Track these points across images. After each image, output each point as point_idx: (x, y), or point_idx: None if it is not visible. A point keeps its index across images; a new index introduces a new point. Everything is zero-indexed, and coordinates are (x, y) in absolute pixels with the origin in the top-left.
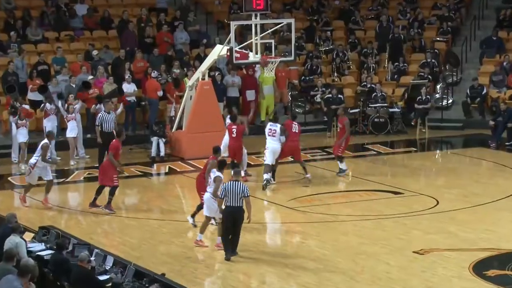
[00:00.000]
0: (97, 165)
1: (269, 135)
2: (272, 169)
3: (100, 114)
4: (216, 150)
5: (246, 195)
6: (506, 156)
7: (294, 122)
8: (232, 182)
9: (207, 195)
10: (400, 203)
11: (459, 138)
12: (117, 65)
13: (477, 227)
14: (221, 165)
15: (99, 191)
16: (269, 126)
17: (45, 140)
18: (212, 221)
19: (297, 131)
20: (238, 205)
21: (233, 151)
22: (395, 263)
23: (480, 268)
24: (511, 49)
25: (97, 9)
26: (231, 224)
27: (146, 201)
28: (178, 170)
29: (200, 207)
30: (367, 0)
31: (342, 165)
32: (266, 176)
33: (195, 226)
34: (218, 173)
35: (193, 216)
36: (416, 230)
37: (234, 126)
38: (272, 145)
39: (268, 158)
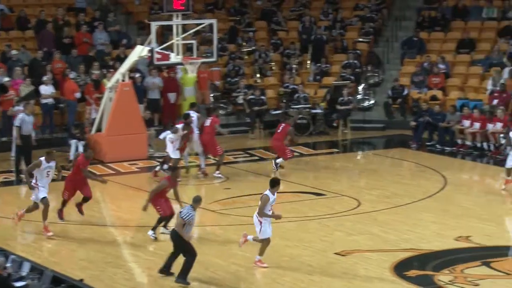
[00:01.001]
0: (13, 169)
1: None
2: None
3: (20, 115)
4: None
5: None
6: (426, 157)
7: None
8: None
9: (254, 219)
10: (322, 204)
11: (381, 139)
12: (34, 66)
13: (398, 228)
14: (273, 184)
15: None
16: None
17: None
18: (163, 229)
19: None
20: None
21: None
22: (317, 265)
23: (400, 268)
24: (431, 50)
25: (13, 9)
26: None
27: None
28: (98, 173)
29: (160, 220)
30: (289, 0)
31: (280, 160)
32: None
33: (155, 239)
34: (268, 192)
35: (153, 229)
36: (338, 232)
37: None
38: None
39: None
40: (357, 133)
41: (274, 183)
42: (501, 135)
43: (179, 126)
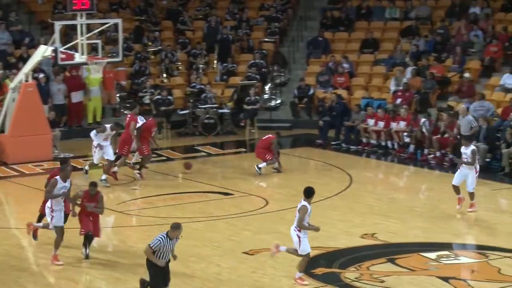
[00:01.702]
0: None
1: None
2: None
3: None
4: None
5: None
6: (332, 156)
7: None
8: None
9: (292, 232)
10: (230, 204)
11: (288, 138)
12: None
13: None
14: (309, 194)
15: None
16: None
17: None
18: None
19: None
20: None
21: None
22: (225, 265)
23: (308, 266)
24: (336, 50)
25: None
26: None
27: None
28: (1, 175)
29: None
30: (195, 0)
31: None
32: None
33: (35, 238)
34: (305, 203)
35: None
36: (246, 231)
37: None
38: None
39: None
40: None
41: (310, 193)
42: (405, 133)
43: (107, 125)
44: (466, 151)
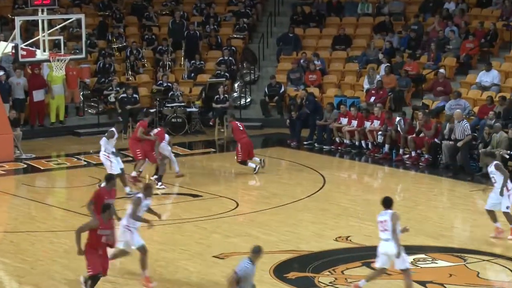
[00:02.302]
0: None
1: None
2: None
3: None
4: None
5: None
6: (305, 156)
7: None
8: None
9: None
10: (199, 206)
11: (258, 137)
12: None
13: (278, 229)
14: (146, 189)
15: None
16: None
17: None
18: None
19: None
20: None
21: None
22: (194, 269)
23: (280, 270)
24: (307, 46)
25: None
26: None
27: None
28: None
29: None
30: None
31: (252, 164)
32: None
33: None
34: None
35: None
36: (216, 234)
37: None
38: None
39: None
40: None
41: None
42: (379, 133)
43: (113, 128)
44: (491, 169)
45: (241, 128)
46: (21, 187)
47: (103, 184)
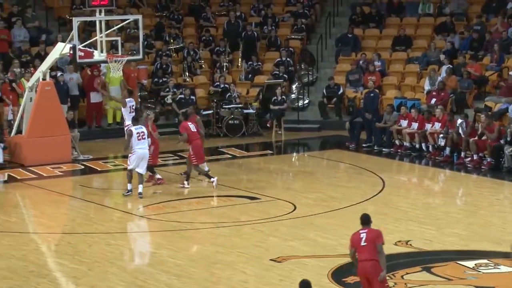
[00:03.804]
0: None
1: (138, 140)
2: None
3: None
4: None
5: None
6: (364, 158)
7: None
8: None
9: None
10: (256, 208)
11: (316, 140)
12: None
13: (336, 232)
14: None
15: None
16: (136, 129)
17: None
18: None
19: (195, 130)
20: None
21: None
22: (252, 272)
23: (339, 274)
24: (367, 47)
25: None
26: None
27: None
28: (18, 177)
29: None
30: None
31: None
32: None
33: None
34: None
35: None
36: (273, 237)
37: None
38: (142, 150)
39: (133, 163)
40: (291, 134)
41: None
42: (441, 135)
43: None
44: None
45: (193, 130)
46: (79, 188)
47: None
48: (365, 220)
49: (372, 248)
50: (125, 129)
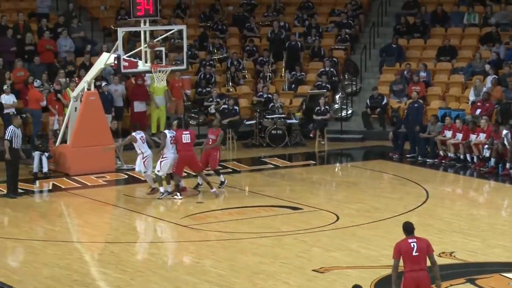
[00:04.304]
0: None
1: (170, 143)
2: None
3: (10, 128)
4: None
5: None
6: (407, 169)
7: (184, 132)
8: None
9: None
10: (299, 219)
11: (360, 150)
12: None
13: (379, 243)
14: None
15: None
16: (169, 133)
17: None
18: None
19: (189, 141)
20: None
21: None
22: (294, 283)
23: (382, 286)
24: (411, 57)
25: None
26: None
27: (27, 220)
28: (63, 187)
29: None
30: (263, 6)
31: (221, 177)
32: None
33: None
34: None
35: None
36: (316, 247)
37: (211, 136)
38: (174, 155)
39: (164, 168)
40: (334, 144)
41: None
42: (485, 146)
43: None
44: None
45: (185, 141)
46: (122, 197)
47: None
48: (411, 228)
49: (424, 258)
50: (144, 161)
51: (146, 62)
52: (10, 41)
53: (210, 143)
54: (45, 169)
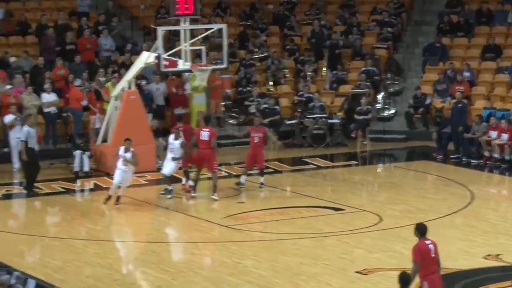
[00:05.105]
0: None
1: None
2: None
3: (25, 128)
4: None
5: None
6: (452, 170)
7: (204, 128)
8: None
9: None
10: (341, 220)
11: (402, 150)
12: (36, 73)
13: None
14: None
15: None
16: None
17: None
18: None
19: (206, 138)
20: None
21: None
22: (337, 284)
23: None
24: (454, 56)
25: (13, 13)
26: None
27: (69, 219)
28: (104, 186)
29: None
30: (304, 4)
31: (262, 179)
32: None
33: None
34: None
35: None
36: (358, 249)
37: (256, 134)
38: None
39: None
40: (377, 144)
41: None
42: None
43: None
44: None
45: (203, 138)
46: (163, 197)
47: None
48: (425, 230)
49: (438, 260)
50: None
51: (186, 61)
52: (50, 40)
53: (257, 141)
54: (86, 168)
